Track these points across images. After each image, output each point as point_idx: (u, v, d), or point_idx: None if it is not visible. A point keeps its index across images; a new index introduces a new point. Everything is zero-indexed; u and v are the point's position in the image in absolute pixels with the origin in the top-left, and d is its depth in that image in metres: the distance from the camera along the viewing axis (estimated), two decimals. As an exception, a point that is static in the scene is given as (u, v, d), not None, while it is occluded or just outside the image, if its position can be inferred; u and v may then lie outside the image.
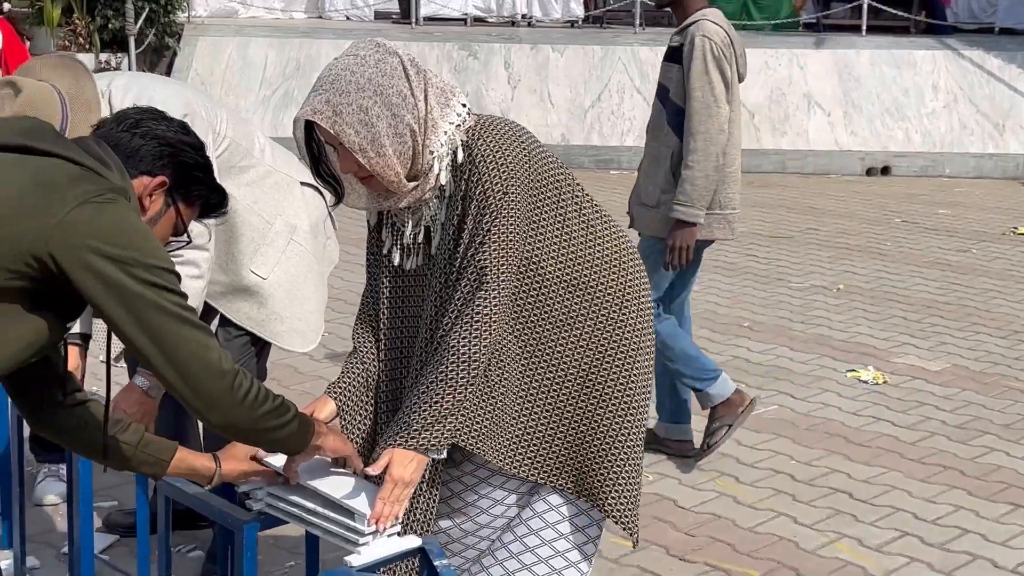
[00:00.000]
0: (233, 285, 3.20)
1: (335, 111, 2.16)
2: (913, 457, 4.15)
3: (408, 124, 2.19)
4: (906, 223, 8.24)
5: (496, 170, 2.24)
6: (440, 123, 2.23)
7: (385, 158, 2.18)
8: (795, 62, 10.84)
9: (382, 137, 2.17)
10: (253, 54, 10.88)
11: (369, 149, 2.17)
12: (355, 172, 2.25)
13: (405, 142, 2.20)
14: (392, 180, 2.22)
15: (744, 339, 5.50)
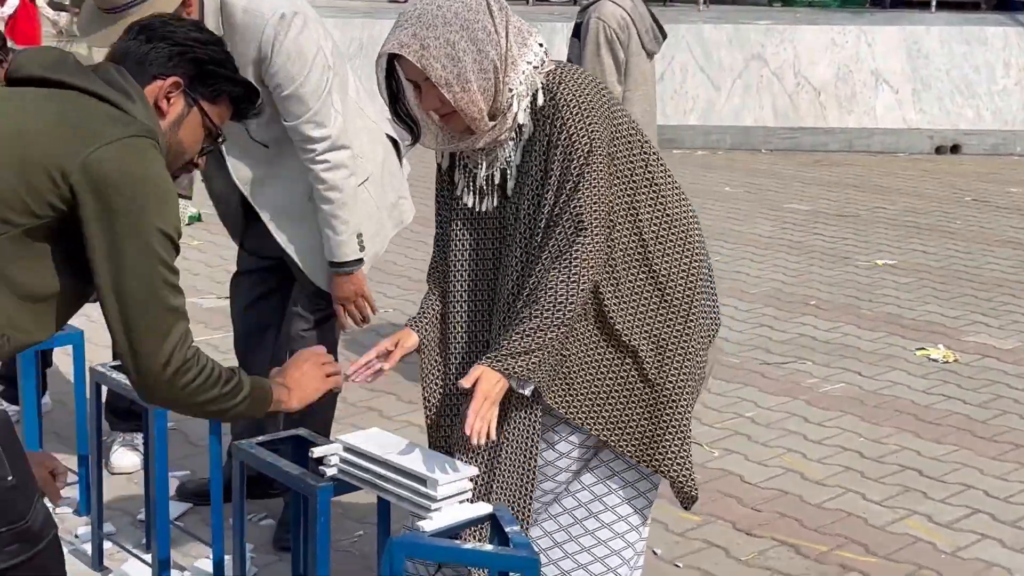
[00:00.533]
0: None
1: (422, 45, 2.17)
2: (984, 435, 4.10)
3: (492, 60, 2.20)
4: (976, 202, 8.11)
5: (581, 116, 2.24)
6: (519, 61, 2.24)
7: (470, 93, 2.19)
8: (863, 39, 10.67)
9: (468, 72, 2.17)
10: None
11: (455, 84, 2.18)
12: (437, 109, 2.25)
13: (488, 78, 2.20)
14: (475, 117, 2.22)
15: (810, 316, 5.46)
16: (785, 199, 8.09)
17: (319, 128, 3.00)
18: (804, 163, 9.59)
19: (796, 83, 10.47)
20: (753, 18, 10.98)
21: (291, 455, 2.68)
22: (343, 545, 3.28)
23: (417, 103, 2.29)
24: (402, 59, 2.22)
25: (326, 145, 3.02)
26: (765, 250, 6.66)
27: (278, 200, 3.19)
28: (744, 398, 4.43)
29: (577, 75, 2.28)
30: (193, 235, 6.80)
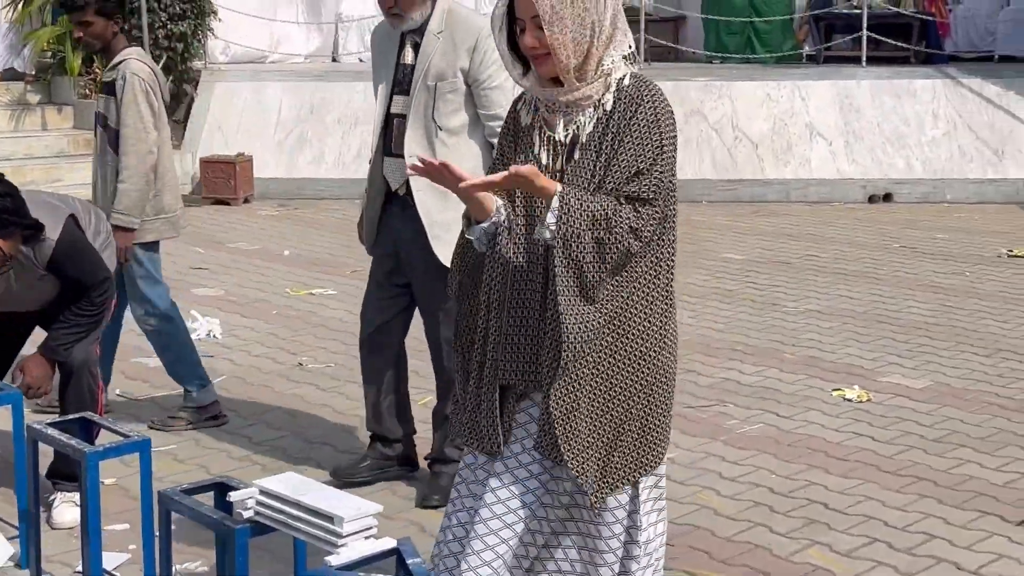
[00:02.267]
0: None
1: None
2: (889, 469, 4.32)
3: (592, 22, 2.53)
4: (904, 248, 8.41)
5: (664, 116, 2.57)
6: (619, 42, 2.59)
7: (564, 37, 2.51)
8: (797, 94, 11.06)
9: (567, 19, 2.51)
10: (268, 98, 11.20)
11: (555, 23, 2.51)
12: (534, 48, 2.55)
13: (584, 35, 2.53)
14: (563, 62, 2.54)
15: (736, 362, 5.69)
16: (722, 249, 8.36)
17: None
18: (742, 214, 9.89)
19: (734, 137, 10.81)
20: (692, 75, 11.34)
21: (214, 500, 2.86)
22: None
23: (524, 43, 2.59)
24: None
25: None
26: (699, 299, 6.91)
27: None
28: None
29: (657, 88, 2.63)
30: (141, 297, 6.96)
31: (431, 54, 3.81)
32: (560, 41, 2.52)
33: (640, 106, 2.56)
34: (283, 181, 10.69)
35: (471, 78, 3.79)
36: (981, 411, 4.95)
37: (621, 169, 2.55)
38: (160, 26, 10.98)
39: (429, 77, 3.81)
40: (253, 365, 5.64)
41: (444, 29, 3.80)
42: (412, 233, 3.91)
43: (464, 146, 3.82)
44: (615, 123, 2.57)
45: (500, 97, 3.77)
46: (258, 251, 8.35)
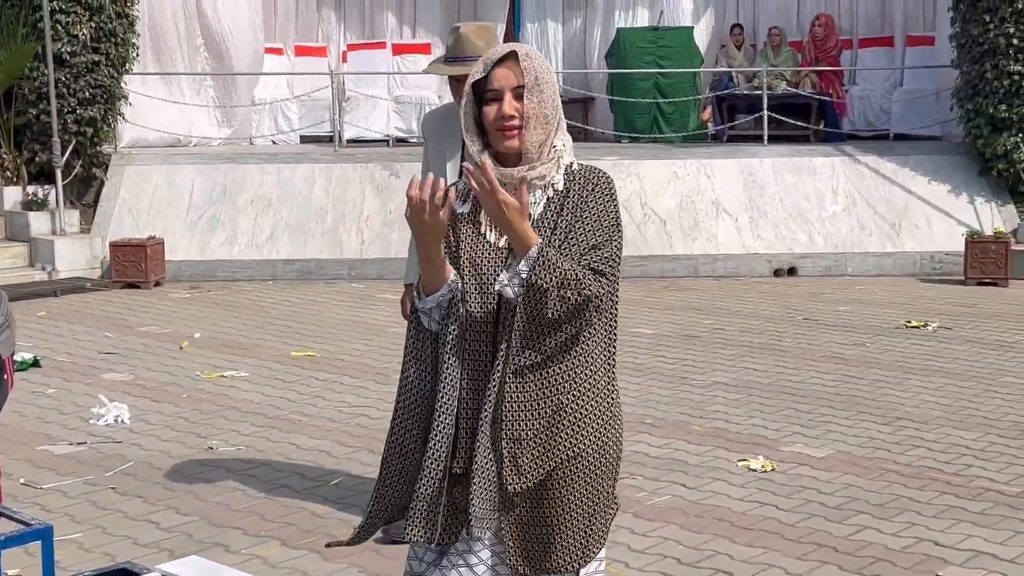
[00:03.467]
0: None
1: (527, 54, 2.65)
2: (792, 537, 4.43)
3: (557, 107, 2.67)
4: (807, 320, 8.65)
5: (613, 198, 2.67)
6: (563, 128, 2.70)
7: (541, 108, 2.61)
8: (703, 171, 11.37)
9: (546, 95, 2.64)
10: (179, 180, 11.20)
11: (535, 93, 2.61)
12: (512, 117, 2.61)
13: (553, 115, 2.65)
14: (538, 131, 2.61)
15: (645, 435, 5.79)
16: (633, 324, 8.51)
17: None
18: (653, 289, 10.09)
19: (643, 214, 11.06)
20: (601, 154, 11.61)
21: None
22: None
23: (496, 114, 2.63)
24: (496, 72, 2.63)
25: None
26: (608, 374, 7.01)
27: None
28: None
29: (606, 173, 2.74)
30: (48, 383, 6.87)
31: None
32: (537, 112, 2.62)
33: (596, 186, 2.66)
34: (195, 263, 10.66)
35: None
36: (880, 478, 5.10)
37: (579, 243, 2.63)
38: (69, 111, 10.95)
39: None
40: (162, 450, 5.60)
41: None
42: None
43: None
44: (571, 203, 2.65)
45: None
46: (169, 334, 8.29)
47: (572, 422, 2.64)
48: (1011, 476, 5.10)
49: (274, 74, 13.52)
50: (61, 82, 10.85)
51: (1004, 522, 4.56)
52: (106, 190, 11.24)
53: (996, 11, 10.96)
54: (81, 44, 10.97)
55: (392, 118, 13.17)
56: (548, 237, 2.64)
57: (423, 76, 13.60)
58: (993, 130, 11.11)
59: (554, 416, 2.62)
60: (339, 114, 12.53)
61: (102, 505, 4.85)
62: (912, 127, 12.83)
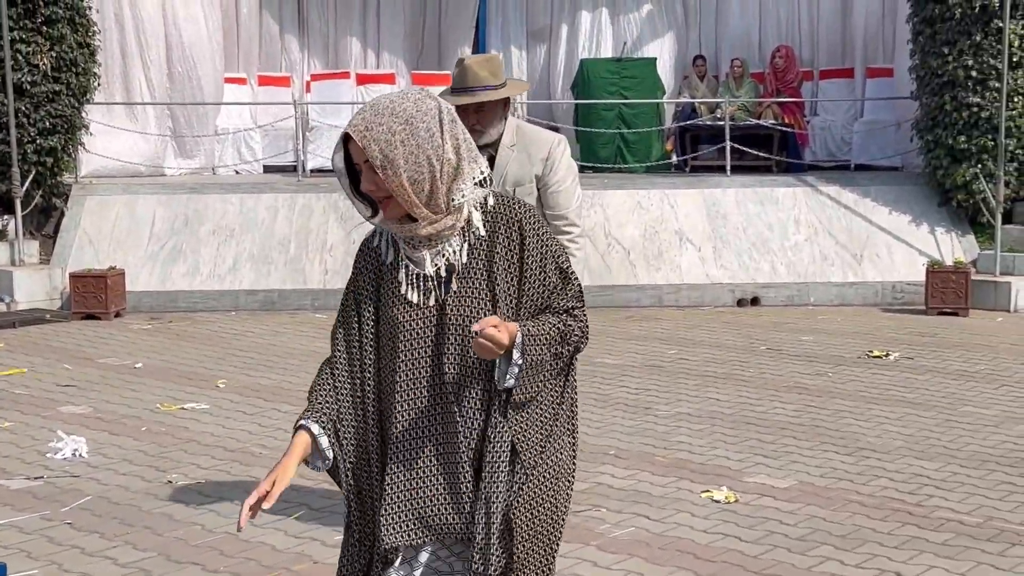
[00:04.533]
0: None
1: (367, 127, 2.48)
2: (754, 569, 4.42)
3: (428, 158, 2.49)
4: (770, 350, 8.68)
5: (544, 225, 2.63)
6: (467, 172, 2.56)
7: (398, 178, 2.47)
8: (666, 201, 11.43)
9: (399, 159, 2.47)
10: (141, 211, 11.12)
11: (388, 167, 2.47)
12: (373, 192, 2.53)
13: (421, 172, 2.49)
14: (405, 200, 2.50)
15: (609, 466, 5.77)
16: (596, 354, 8.51)
17: (576, 213, 4.45)
18: (616, 319, 10.10)
19: (607, 243, 11.09)
20: (564, 184, 11.62)
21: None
22: None
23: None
24: (352, 143, 2.53)
25: (577, 223, 4.47)
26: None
27: None
28: (539, 548, 4.66)
29: (529, 205, 2.66)
30: (4, 416, 6.77)
31: (506, 164, 4.36)
32: (397, 183, 2.48)
33: (523, 225, 2.59)
34: (156, 294, 10.57)
35: (542, 183, 4.40)
36: (842, 509, 5.10)
37: (539, 291, 2.59)
38: (29, 140, 10.86)
39: (508, 183, 4.35)
40: (120, 484, 5.52)
41: (516, 143, 4.38)
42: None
43: None
44: (502, 248, 2.59)
45: (564, 199, 4.42)
46: (128, 366, 8.20)
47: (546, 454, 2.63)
48: (972, 507, 5.12)
49: (237, 104, 13.48)
50: (21, 112, 10.76)
51: (965, 552, 4.57)
52: (66, 220, 11.14)
53: (955, 44, 11.12)
54: (42, 74, 10.89)
55: (356, 148, 13.15)
56: (482, 289, 2.58)
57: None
58: (953, 161, 11.25)
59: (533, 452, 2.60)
60: (303, 144, 12.51)
61: (58, 541, 4.77)
62: (873, 158, 12.97)
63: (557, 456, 2.65)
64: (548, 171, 4.37)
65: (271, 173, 13.16)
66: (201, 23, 13.05)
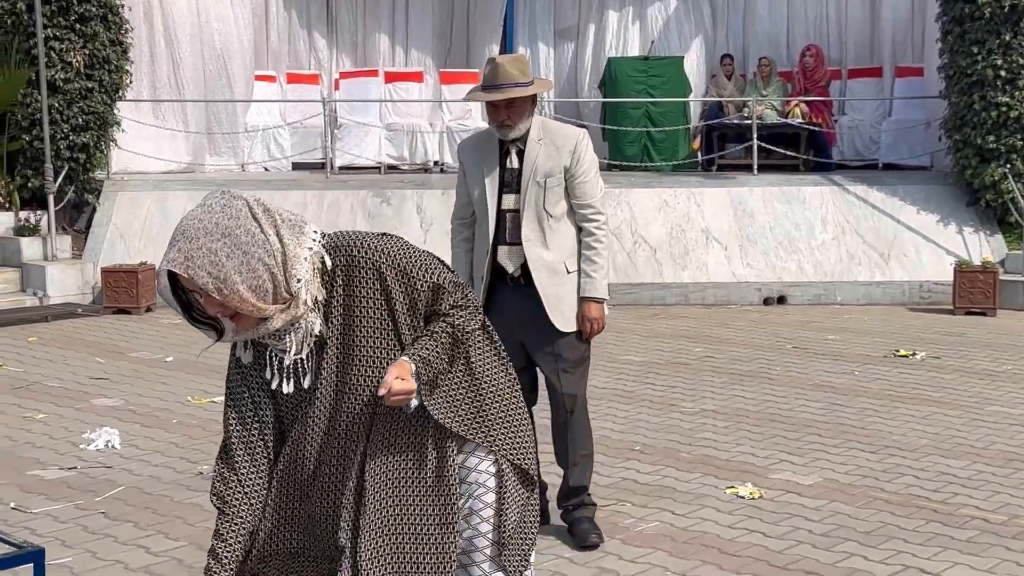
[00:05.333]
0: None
1: (187, 257, 2.39)
2: (779, 564, 4.45)
3: (260, 258, 2.41)
4: (796, 349, 8.69)
5: (378, 247, 2.60)
6: (299, 252, 2.48)
7: (238, 293, 2.40)
8: (693, 200, 11.44)
9: (232, 275, 2.39)
10: (171, 207, 11.23)
11: (224, 287, 2.39)
12: (221, 312, 2.47)
13: (259, 275, 2.42)
14: (252, 310, 2.44)
15: (634, 461, 5.81)
16: (622, 352, 8.54)
17: (600, 202, 4.61)
18: (642, 316, 10.12)
19: (634, 241, 11.12)
20: (591, 183, 11.66)
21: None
22: None
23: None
24: (178, 275, 2.44)
25: (602, 211, 4.62)
26: (599, 400, 7.04)
27: (547, 257, 4.55)
28: (564, 541, 4.71)
29: (351, 232, 2.64)
30: (39, 408, 6.88)
31: (535, 157, 4.57)
32: (239, 298, 2.40)
33: (379, 264, 2.56)
34: (187, 289, 10.67)
35: (569, 174, 4.57)
36: (867, 506, 5.12)
37: (413, 316, 2.61)
38: (62, 137, 10.99)
39: (538, 175, 4.56)
40: (152, 475, 5.60)
41: (543, 137, 4.59)
42: (531, 308, 4.58)
43: (565, 228, 4.61)
44: (364, 292, 2.57)
45: (590, 189, 4.60)
46: (159, 360, 8.30)
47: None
48: (997, 504, 5.13)
49: (266, 101, 13.59)
50: (54, 108, 10.90)
51: (990, 550, 4.59)
52: (98, 216, 11.27)
53: (984, 43, 11.08)
54: (75, 71, 11.03)
55: (384, 145, 13.24)
56: (341, 352, 2.57)
57: (414, 104, 13.70)
58: (981, 160, 11.21)
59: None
60: (331, 141, 12.60)
61: (92, 529, 4.86)
62: (901, 157, 12.93)
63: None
64: (575, 163, 4.56)
65: (300, 170, 13.25)
66: (231, 21, 13.17)
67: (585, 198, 4.59)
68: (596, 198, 4.62)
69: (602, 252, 4.61)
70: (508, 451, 2.77)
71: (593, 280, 4.63)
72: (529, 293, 4.58)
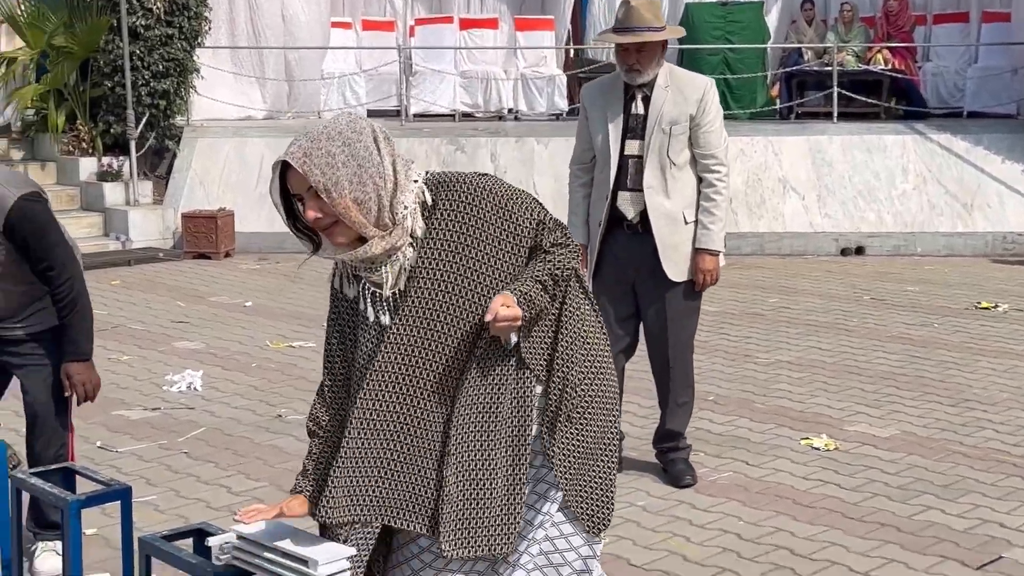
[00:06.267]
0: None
1: (305, 153, 2.47)
2: (854, 516, 4.43)
3: (371, 176, 2.50)
4: (874, 300, 8.57)
5: (487, 186, 2.62)
6: (406, 184, 2.57)
7: (345, 200, 2.47)
8: (770, 148, 11.28)
9: (344, 181, 2.47)
10: (249, 153, 11.35)
11: (333, 191, 2.47)
12: (318, 220, 2.52)
13: (367, 191, 2.50)
14: (354, 222, 2.51)
15: (708, 412, 5.80)
16: (696, 302, 8.49)
17: (723, 153, 4.61)
18: (717, 267, 10.03)
19: (709, 191, 11.00)
20: (667, 131, 11.54)
21: (193, 546, 2.94)
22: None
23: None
24: (289, 173, 2.53)
25: (725, 163, 4.63)
26: (672, 350, 7.02)
27: (667, 205, 4.55)
28: (639, 488, 4.74)
29: (457, 173, 2.68)
30: (123, 350, 7.05)
31: (662, 104, 4.55)
32: (343, 205, 2.47)
33: (484, 201, 2.60)
34: (264, 235, 10.81)
35: (694, 123, 4.55)
36: (945, 459, 5.07)
37: (516, 252, 2.62)
38: (143, 84, 11.14)
39: (663, 123, 4.54)
40: (232, 417, 5.73)
41: (671, 84, 4.57)
42: (646, 256, 4.61)
43: (686, 177, 4.60)
44: (469, 230, 2.60)
45: (714, 139, 4.59)
46: (238, 304, 8.44)
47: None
48: (1080, 460, 5.05)
49: (342, 48, 13.62)
50: (135, 55, 11.05)
51: (1071, 506, 4.52)
52: (178, 162, 11.44)
53: (1076, -13, 10.71)
54: (155, 18, 11.15)
55: (459, 93, 13.21)
56: (452, 278, 2.60)
57: (489, 51, 13.63)
58: (1070, 109, 10.88)
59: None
60: (406, 88, 12.61)
61: (176, 469, 4.99)
62: (986, 105, 12.60)
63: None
64: (701, 112, 4.54)
65: (374, 117, 13.25)
66: (308, -33, 13.18)
67: (709, 148, 4.57)
68: (720, 148, 4.59)
69: (721, 204, 4.60)
70: (589, 399, 2.76)
71: (710, 232, 4.61)
72: (645, 240, 4.59)
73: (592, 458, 2.77)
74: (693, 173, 4.60)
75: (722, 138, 4.60)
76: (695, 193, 4.60)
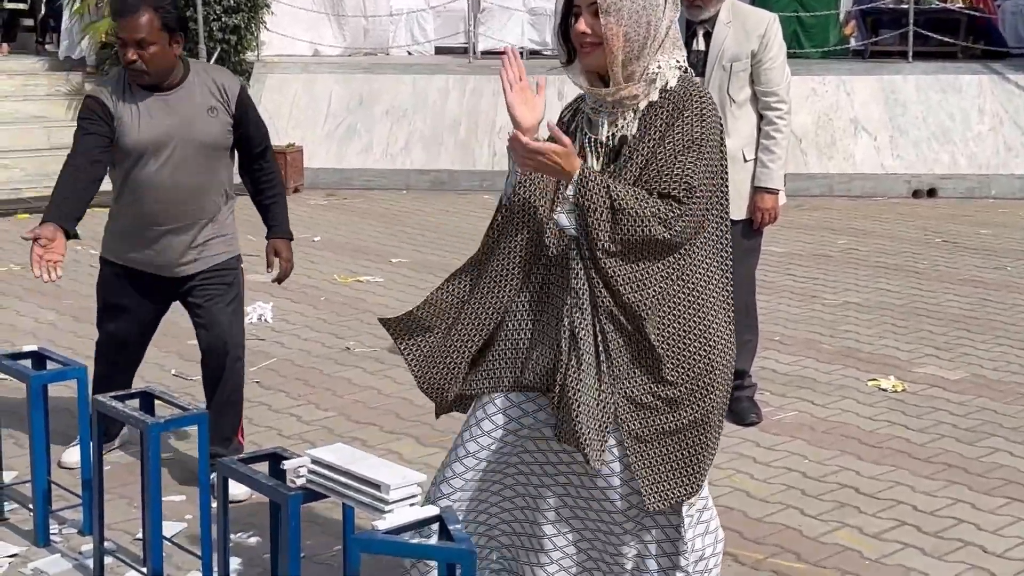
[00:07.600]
0: None
1: None
2: (921, 457, 4.42)
3: (648, 22, 2.61)
4: (946, 243, 8.45)
5: (710, 114, 2.66)
6: (670, 49, 2.67)
7: (618, 27, 2.59)
8: (842, 88, 11.09)
9: (625, 10, 2.59)
10: (318, 90, 11.41)
11: (612, 13, 2.58)
12: (585, 34, 2.63)
13: (640, 32, 2.60)
14: (612, 53, 2.61)
15: (774, 351, 5.79)
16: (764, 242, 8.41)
17: (785, 90, 4.55)
18: (786, 207, 9.86)
19: (779, 131, 10.85)
20: (737, 69, 11.39)
21: (268, 469, 3.03)
22: (322, 558, 3.61)
23: (575, 30, 2.66)
24: None
25: (786, 100, 4.56)
26: (738, 291, 7.00)
27: (727, 143, 4.56)
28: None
29: (705, 91, 2.71)
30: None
31: (723, 40, 4.51)
32: (614, 32, 2.59)
33: (686, 109, 2.63)
34: (332, 171, 10.90)
35: (756, 59, 4.50)
36: (1014, 402, 5.02)
37: (658, 167, 2.61)
38: (215, 18, 11.22)
39: (724, 59, 4.50)
40: (302, 348, 5.83)
41: (733, 20, 4.53)
42: None
43: (746, 114, 4.56)
44: (661, 122, 2.63)
45: (776, 76, 4.53)
46: (307, 239, 8.54)
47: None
48: None
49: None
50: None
51: None
52: (248, 98, 11.51)
53: None
54: (226, -47, 11.19)
55: (527, 30, 13.13)
56: (636, 162, 2.63)
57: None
58: None
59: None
60: (474, 25, 12.55)
61: (248, 397, 5.05)
62: (1068, 44, 12.26)
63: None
64: (763, 48, 4.50)
65: (442, 55, 13.27)
66: (376, -98, 13.12)
67: (770, 85, 4.53)
68: (781, 86, 4.55)
69: (781, 142, 4.56)
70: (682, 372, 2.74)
71: (770, 170, 4.59)
72: None
73: (670, 437, 2.76)
74: (754, 111, 4.57)
75: (784, 75, 4.55)
76: (755, 131, 4.57)
